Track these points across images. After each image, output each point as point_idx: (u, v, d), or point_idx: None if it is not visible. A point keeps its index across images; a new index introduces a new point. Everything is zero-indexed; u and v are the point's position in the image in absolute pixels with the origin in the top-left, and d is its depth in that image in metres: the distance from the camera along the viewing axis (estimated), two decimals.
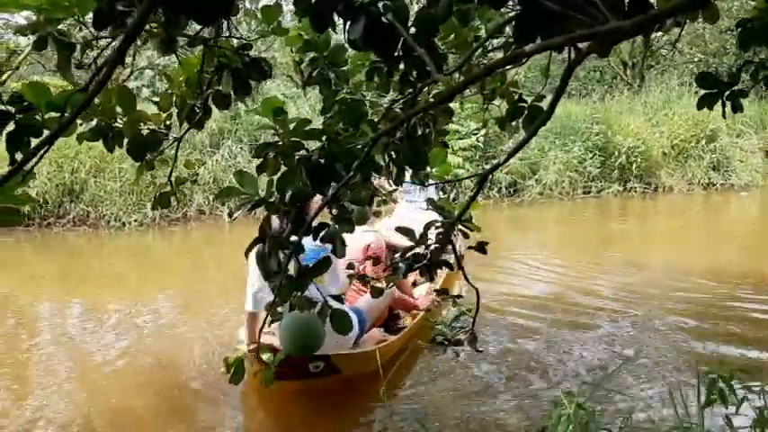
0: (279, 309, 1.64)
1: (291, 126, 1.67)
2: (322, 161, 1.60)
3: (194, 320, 5.57)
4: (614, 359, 4.53)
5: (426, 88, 1.92)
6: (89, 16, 1.47)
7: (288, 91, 13.57)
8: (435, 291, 2.03)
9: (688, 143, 13.35)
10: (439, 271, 1.85)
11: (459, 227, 1.82)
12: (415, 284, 5.34)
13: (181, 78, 1.98)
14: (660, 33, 17.58)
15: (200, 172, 10.25)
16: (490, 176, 1.83)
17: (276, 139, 1.69)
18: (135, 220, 9.86)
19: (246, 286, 3.82)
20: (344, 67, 2.12)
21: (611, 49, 1.01)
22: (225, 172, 10.64)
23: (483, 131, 11.80)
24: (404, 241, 5.64)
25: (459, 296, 2.00)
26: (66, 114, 1.16)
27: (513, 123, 2.04)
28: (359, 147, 1.62)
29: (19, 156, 1.22)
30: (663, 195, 12.58)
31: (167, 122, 2.07)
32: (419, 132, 1.86)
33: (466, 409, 3.88)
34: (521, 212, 11.12)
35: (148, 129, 1.99)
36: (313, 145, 1.65)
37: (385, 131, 1.47)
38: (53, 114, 1.21)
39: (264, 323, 1.91)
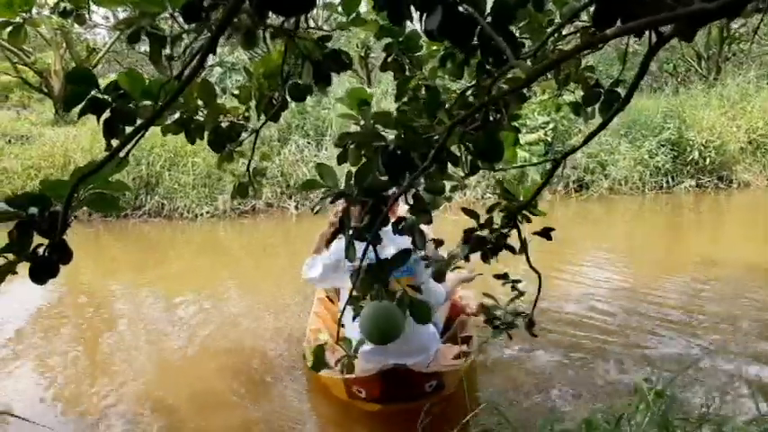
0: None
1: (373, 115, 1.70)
2: (398, 151, 1.62)
3: (264, 308, 5.72)
4: (688, 355, 4.42)
5: (498, 79, 1.91)
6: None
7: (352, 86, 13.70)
8: (495, 276, 2.00)
9: (767, 137, 12.81)
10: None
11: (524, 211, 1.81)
12: None
13: (261, 71, 2.04)
14: (737, 25, 16.97)
15: (268, 166, 10.49)
16: (559, 170, 1.81)
17: (357, 128, 1.72)
18: (207, 212, 10.20)
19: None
20: (419, 53, 2.14)
21: (695, 34, 0.99)
22: (292, 166, 10.85)
23: (551, 125, 11.61)
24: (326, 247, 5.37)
25: (519, 281, 1.98)
26: (159, 102, 1.24)
27: (589, 109, 2.02)
28: (435, 137, 1.64)
29: (115, 142, 1.30)
30: (739, 191, 12.12)
31: (245, 115, 2.15)
32: (491, 118, 1.86)
33: (534, 399, 3.89)
34: (588, 208, 10.91)
35: (228, 121, 2.07)
36: (389, 135, 1.67)
37: (460, 119, 1.48)
38: (146, 103, 1.28)
39: (342, 314, 1.95)
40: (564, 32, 2.05)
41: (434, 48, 2.11)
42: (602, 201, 11.33)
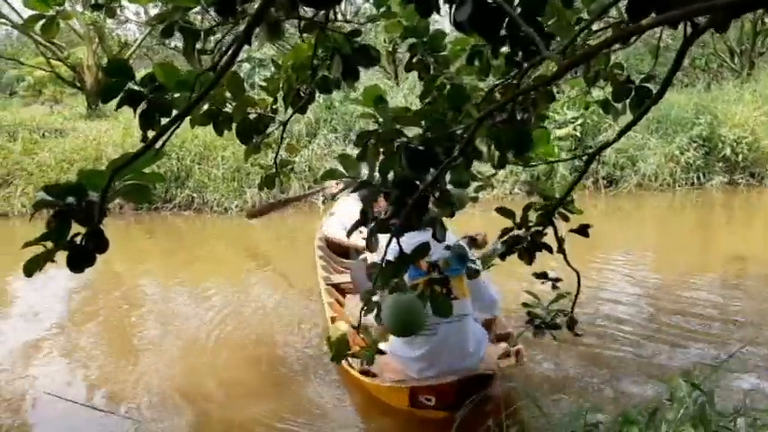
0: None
1: (391, 114, 1.69)
2: (421, 147, 1.62)
3: (292, 301, 5.79)
4: (720, 351, 4.37)
5: (528, 71, 1.90)
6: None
7: (379, 82, 13.69)
8: (534, 274, 1.99)
9: None
10: None
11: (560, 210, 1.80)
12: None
13: (289, 63, 2.06)
14: None
15: (296, 160, 10.55)
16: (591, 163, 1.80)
17: (376, 127, 1.72)
18: (236, 206, 10.31)
19: None
20: (444, 53, 2.14)
21: (729, 24, 0.98)
22: (320, 160, 10.90)
23: (580, 120, 11.49)
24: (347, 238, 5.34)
25: (559, 279, 1.97)
26: (193, 94, 1.26)
27: (619, 105, 2.01)
28: (460, 131, 1.64)
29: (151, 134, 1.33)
30: None
31: (273, 107, 2.17)
32: (518, 117, 1.85)
33: (566, 394, 3.89)
34: (617, 204, 10.80)
35: (256, 113, 2.09)
36: (411, 132, 1.66)
37: (490, 111, 1.48)
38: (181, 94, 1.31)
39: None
40: (593, 28, 2.03)
41: (459, 47, 2.11)
42: (631, 196, 11.19)
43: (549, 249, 1.80)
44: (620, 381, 4.06)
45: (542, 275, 1.99)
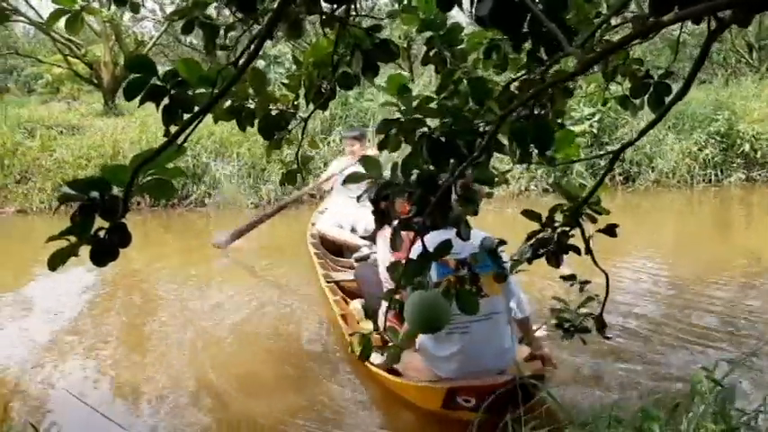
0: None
1: (414, 103, 1.69)
2: (443, 139, 1.61)
3: (305, 296, 5.80)
4: (737, 349, 4.33)
5: (550, 67, 1.89)
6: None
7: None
8: (561, 277, 1.97)
9: None
10: None
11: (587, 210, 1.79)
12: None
13: (310, 60, 2.06)
14: None
15: (314, 155, 10.58)
16: (604, 161, 1.79)
17: (399, 116, 1.72)
18: (251, 202, 10.34)
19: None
20: (461, 46, 2.13)
21: (752, 19, 0.97)
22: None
23: (597, 117, 11.40)
24: (343, 236, 5.46)
25: (587, 281, 1.95)
26: (215, 90, 1.27)
27: (636, 101, 1.99)
28: (481, 125, 1.63)
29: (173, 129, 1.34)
30: None
31: (294, 103, 2.18)
32: (536, 113, 1.83)
33: (585, 392, 3.88)
34: (634, 201, 10.72)
35: (278, 109, 2.10)
36: (433, 123, 1.66)
37: (515, 106, 1.48)
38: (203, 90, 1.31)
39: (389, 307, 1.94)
40: (612, 23, 2.02)
41: (476, 40, 2.10)
42: (648, 193, 11.11)
43: (577, 251, 1.78)
44: (640, 377, 4.03)
45: (570, 278, 1.97)
